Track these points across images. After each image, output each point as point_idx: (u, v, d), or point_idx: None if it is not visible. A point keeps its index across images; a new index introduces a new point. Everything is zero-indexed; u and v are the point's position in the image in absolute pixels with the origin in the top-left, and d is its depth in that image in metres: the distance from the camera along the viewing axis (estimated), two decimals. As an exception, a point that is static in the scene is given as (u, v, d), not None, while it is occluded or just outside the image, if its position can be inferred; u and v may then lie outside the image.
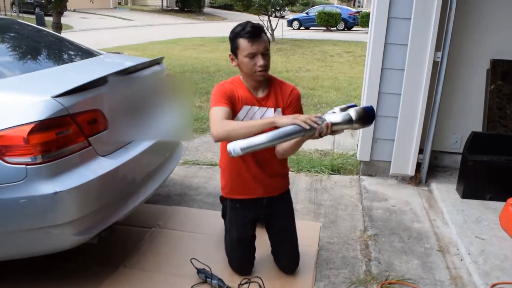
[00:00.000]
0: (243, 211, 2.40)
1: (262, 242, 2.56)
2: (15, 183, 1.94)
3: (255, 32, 2.03)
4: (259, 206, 2.39)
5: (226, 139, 1.99)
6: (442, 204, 3.37)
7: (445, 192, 3.55)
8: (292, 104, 2.21)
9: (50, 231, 2.07)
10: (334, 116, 1.94)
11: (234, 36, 2.08)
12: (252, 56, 2.04)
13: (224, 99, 2.11)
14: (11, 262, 2.22)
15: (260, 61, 2.04)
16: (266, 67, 2.07)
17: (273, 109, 2.18)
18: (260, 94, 2.19)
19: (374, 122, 1.92)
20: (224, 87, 2.17)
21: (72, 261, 2.62)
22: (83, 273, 2.54)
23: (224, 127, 1.97)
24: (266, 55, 2.07)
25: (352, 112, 1.91)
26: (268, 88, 2.19)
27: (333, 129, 1.90)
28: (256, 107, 2.17)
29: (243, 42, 2.04)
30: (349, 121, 1.91)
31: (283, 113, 2.19)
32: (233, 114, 2.14)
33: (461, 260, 2.73)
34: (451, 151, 4.01)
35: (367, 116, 1.91)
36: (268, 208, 2.41)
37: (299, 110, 2.25)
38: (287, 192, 2.52)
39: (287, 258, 2.51)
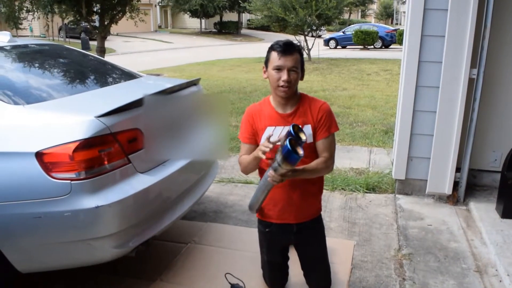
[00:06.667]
0: (270, 237, 2.36)
1: (297, 257, 2.56)
2: (61, 197, 2.07)
3: (287, 48, 2.06)
4: (289, 233, 2.30)
5: (248, 172, 2.28)
6: (481, 224, 3.29)
7: (484, 211, 3.47)
8: (323, 119, 2.16)
9: (92, 243, 2.18)
10: (273, 163, 1.94)
11: (269, 48, 2.14)
12: (278, 69, 2.07)
13: (247, 133, 2.24)
14: (47, 272, 2.36)
15: (284, 76, 2.05)
16: (289, 83, 2.07)
17: (299, 126, 2.10)
18: (288, 110, 2.17)
19: (299, 156, 1.83)
20: (249, 114, 2.24)
21: (110, 274, 2.73)
22: (119, 285, 2.65)
23: (241, 165, 2.28)
24: (293, 72, 2.07)
25: (277, 157, 1.88)
26: (297, 104, 2.18)
27: (278, 174, 1.92)
28: (280, 127, 2.15)
29: (273, 54, 2.08)
30: (278, 167, 1.89)
31: (315, 129, 2.16)
32: (258, 137, 2.21)
33: (500, 281, 2.66)
34: (490, 170, 3.91)
35: (286, 159, 1.84)
36: (298, 235, 2.32)
37: (332, 125, 2.18)
38: (319, 218, 2.40)
39: (318, 284, 2.47)
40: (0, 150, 2.11)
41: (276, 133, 2.15)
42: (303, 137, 1.92)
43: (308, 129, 2.15)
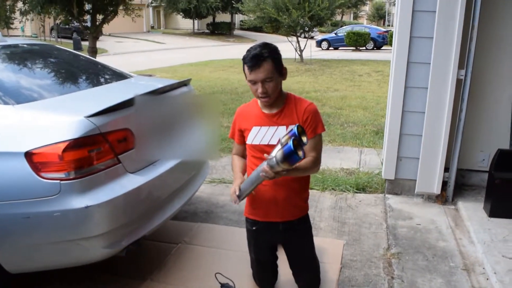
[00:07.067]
0: (257, 235, 2.38)
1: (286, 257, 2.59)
2: (50, 197, 2.08)
3: (255, 62, 2.04)
4: (275, 231, 2.31)
5: None
6: (469, 223, 3.33)
7: (472, 210, 3.51)
8: (308, 120, 2.15)
9: (81, 243, 2.18)
10: (269, 161, 1.94)
11: (242, 59, 2.14)
12: (253, 83, 2.09)
13: (236, 133, 2.32)
14: (37, 272, 2.37)
15: (259, 89, 2.07)
16: (265, 94, 2.08)
17: (285, 126, 2.15)
18: (274, 110, 2.19)
19: (299, 157, 1.86)
20: (237, 114, 2.31)
21: (100, 273, 2.74)
22: (110, 285, 2.66)
23: (231, 163, 2.41)
24: (267, 82, 2.07)
25: (278, 155, 1.88)
26: (283, 105, 2.18)
27: (273, 171, 1.92)
28: (266, 127, 2.17)
29: (245, 68, 2.08)
30: (276, 165, 1.90)
31: None
32: (245, 137, 2.25)
33: (487, 279, 2.70)
34: (478, 169, 3.96)
35: (287, 158, 1.86)
36: (284, 234, 2.32)
37: (318, 126, 2.18)
38: (306, 217, 2.38)
39: (307, 284, 2.48)
40: (-11, 150, 2.11)
41: (262, 132, 2.18)
42: (304, 139, 1.93)
43: None
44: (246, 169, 2.32)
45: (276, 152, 1.89)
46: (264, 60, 2.03)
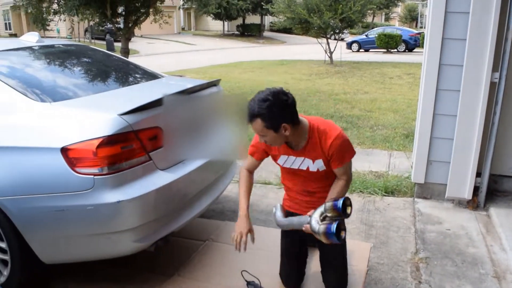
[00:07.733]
0: None
1: (316, 257, 2.59)
2: (84, 192, 2.15)
3: (247, 117, 2.07)
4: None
5: None
6: (501, 230, 3.25)
7: (504, 217, 3.42)
8: (334, 155, 2.18)
9: (112, 237, 2.25)
10: (313, 223, 2.07)
11: None
12: None
13: (260, 152, 2.37)
14: (67, 264, 2.46)
15: (261, 139, 2.16)
16: (267, 143, 2.18)
17: (311, 160, 2.21)
18: (298, 148, 2.23)
19: (339, 240, 2.01)
20: None
21: (128, 268, 2.82)
22: (139, 279, 2.72)
23: (239, 177, 2.45)
24: (262, 136, 2.12)
25: (320, 228, 2.02)
26: (305, 142, 2.20)
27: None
28: (293, 157, 2.25)
29: None
30: (316, 233, 2.04)
31: (328, 162, 2.21)
32: (273, 159, 2.34)
33: (519, 287, 2.63)
34: (511, 175, 3.86)
35: (326, 236, 2.00)
36: None
37: (345, 157, 2.21)
38: None
39: (334, 284, 2.48)
40: (27, 145, 2.21)
41: (290, 160, 2.27)
42: (348, 210, 2.03)
43: (319, 162, 2.23)
44: (251, 191, 2.44)
45: (320, 225, 2.02)
46: (253, 118, 2.05)
